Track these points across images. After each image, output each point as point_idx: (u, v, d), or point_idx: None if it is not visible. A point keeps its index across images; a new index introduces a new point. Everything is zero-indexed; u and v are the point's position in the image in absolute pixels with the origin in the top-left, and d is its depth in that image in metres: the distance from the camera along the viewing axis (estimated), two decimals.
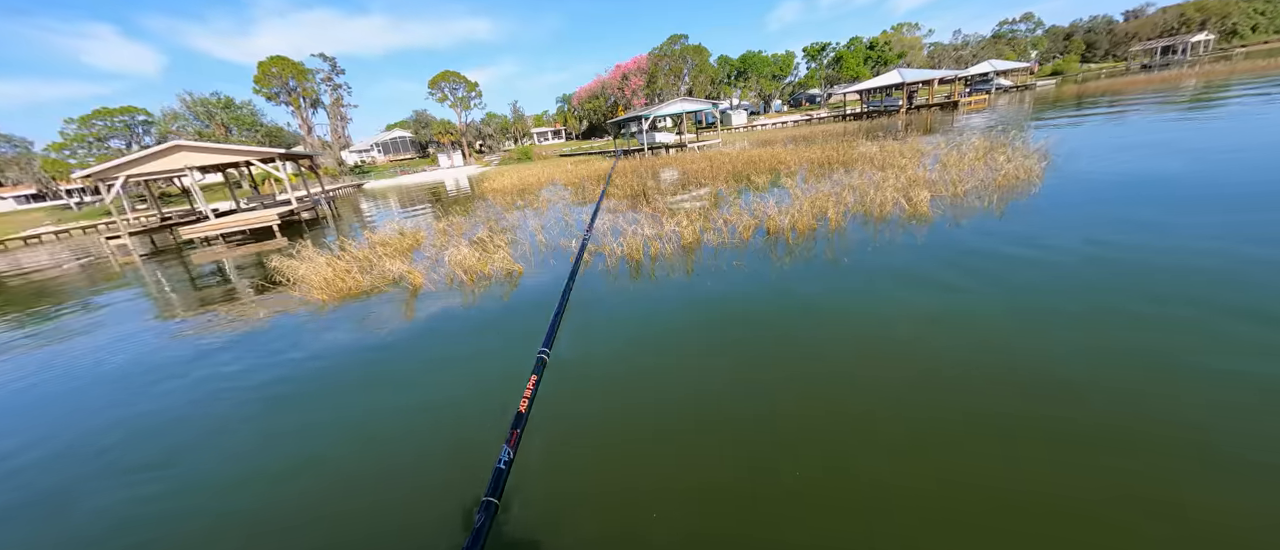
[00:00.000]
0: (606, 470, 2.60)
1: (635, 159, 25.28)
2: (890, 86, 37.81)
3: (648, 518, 2.24)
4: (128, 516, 2.81)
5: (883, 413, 2.75)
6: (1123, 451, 2.27)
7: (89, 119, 40.46)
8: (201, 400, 4.11)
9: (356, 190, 36.75)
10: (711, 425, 2.85)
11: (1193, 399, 2.54)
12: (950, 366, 3.09)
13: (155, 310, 7.63)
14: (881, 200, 6.95)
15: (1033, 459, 2.29)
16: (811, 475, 2.37)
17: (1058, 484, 2.14)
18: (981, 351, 3.22)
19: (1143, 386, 2.69)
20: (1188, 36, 58.52)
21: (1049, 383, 2.81)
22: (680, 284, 5.24)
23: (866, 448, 2.51)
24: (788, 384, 3.15)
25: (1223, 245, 4.34)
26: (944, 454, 2.39)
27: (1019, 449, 2.37)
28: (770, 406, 2.94)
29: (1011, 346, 3.23)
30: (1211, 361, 2.80)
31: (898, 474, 2.31)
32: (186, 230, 15.25)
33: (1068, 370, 2.90)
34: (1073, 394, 2.69)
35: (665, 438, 2.81)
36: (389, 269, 6.55)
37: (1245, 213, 5.07)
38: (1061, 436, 2.41)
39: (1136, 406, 2.54)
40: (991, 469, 2.27)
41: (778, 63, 63.79)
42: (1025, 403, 2.68)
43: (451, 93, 54.15)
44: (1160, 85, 25.19)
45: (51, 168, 39.05)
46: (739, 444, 2.65)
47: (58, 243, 26.46)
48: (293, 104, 48.20)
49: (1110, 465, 2.20)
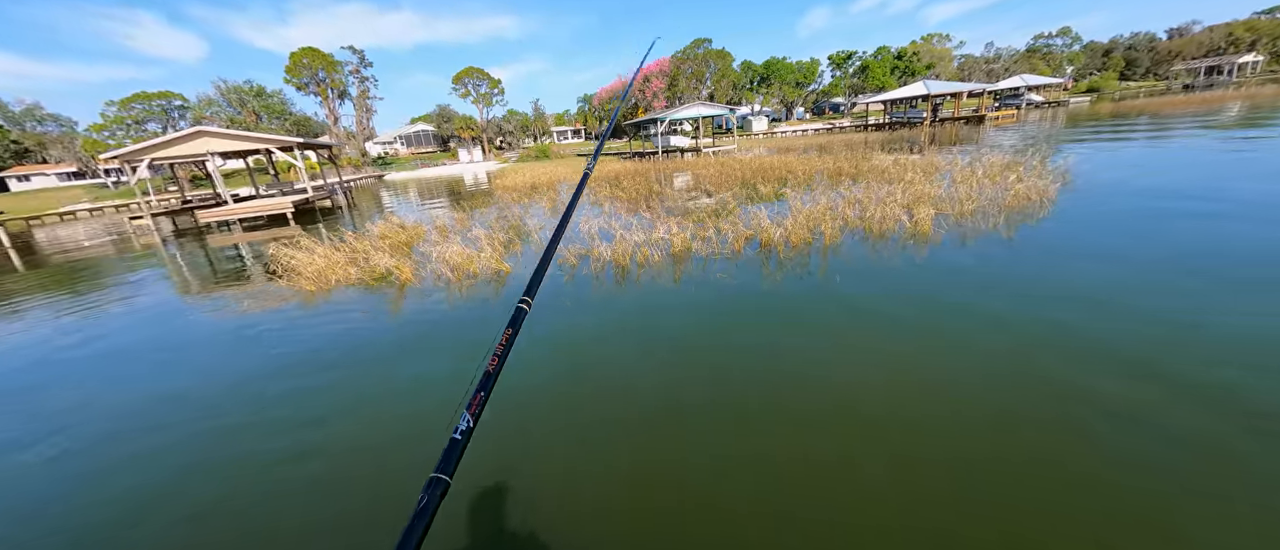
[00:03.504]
0: (548, 475, 2.50)
1: (649, 162, 25.21)
2: (915, 98, 37.00)
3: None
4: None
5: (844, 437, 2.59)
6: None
7: (128, 102, 42.16)
8: (160, 377, 4.15)
9: (377, 181, 37.49)
10: (665, 437, 2.73)
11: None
12: (911, 408, 2.91)
13: (147, 291, 7.80)
14: (883, 216, 6.71)
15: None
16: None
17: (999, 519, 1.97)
18: (935, 396, 3.03)
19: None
20: (1235, 57, 56.05)
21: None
22: (665, 290, 5.12)
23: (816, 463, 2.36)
24: (755, 404, 3.01)
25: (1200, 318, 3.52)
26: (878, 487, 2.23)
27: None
28: (733, 421, 2.80)
29: (959, 395, 3.03)
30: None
31: (842, 500, 2.15)
32: (205, 214, 15.69)
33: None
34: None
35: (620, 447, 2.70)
36: (377, 263, 6.58)
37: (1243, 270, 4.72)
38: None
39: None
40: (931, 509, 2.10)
41: (802, 70, 63.05)
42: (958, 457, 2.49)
43: (474, 89, 54.97)
44: (1200, 106, 24.08)
45: (91, 147, 40.76)
46: (687, 461, 2.52)
47: (92, 219, 27.60)
48: (321, 95, 49.52)
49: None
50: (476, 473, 2.62)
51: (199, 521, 2.55)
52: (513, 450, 2.83)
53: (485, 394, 0.86)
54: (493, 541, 2.22)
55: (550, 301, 5.17)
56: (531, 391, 3.45)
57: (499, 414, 3.24)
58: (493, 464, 2.69)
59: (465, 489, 2.51)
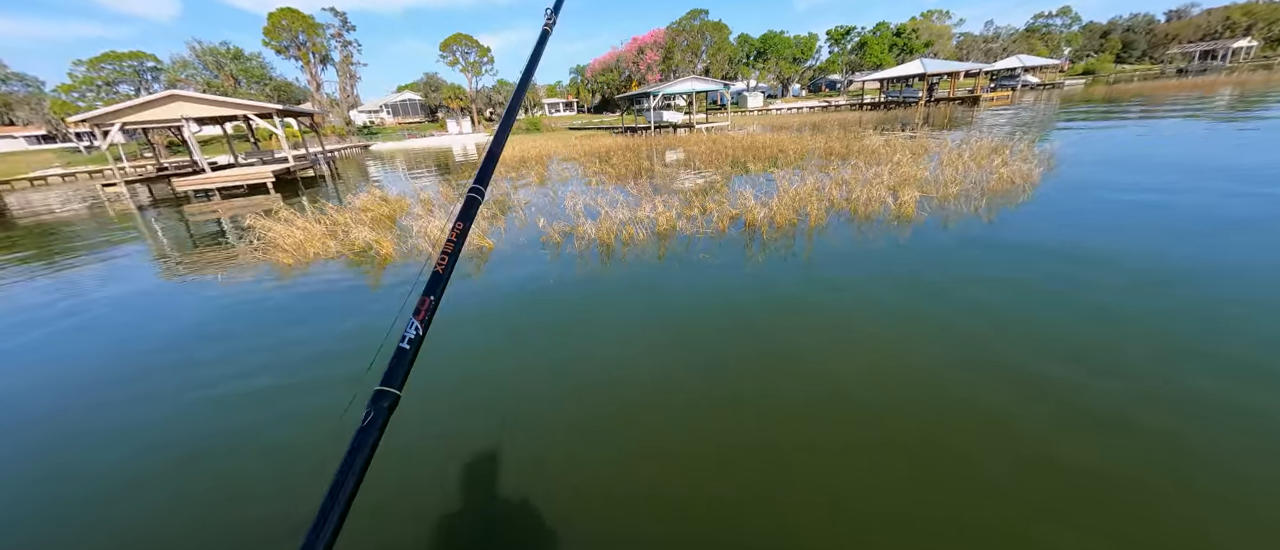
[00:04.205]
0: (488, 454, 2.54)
1: (640, 138, 24.83)
2: (911, 76, 36.60)
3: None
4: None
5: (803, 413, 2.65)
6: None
7: (97, 62, 40.22)
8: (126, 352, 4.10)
9: (363, 151, 36.57)
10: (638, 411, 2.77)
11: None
12: (881, 389, 2.97)
13: (119, 258, 7.62)
14: (868, 198, 6.71)
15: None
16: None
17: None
18: (911, 376, 3.09)
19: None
20: (1230, 41, 55.96)
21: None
22: (650, 268, 5.12)
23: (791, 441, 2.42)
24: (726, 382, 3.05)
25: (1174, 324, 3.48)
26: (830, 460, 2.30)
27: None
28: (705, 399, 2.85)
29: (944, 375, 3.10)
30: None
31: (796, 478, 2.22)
32: (181, 182, 15.24)
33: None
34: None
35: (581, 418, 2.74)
36: (357, 237, 6.47)
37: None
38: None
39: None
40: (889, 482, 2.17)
41: (799, 45, 61.78)
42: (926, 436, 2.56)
43: (463, 57, 53.22)
44: (1191, 91, 24.14)
45: (60, 109, 39.02)
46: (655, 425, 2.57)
47: (64, 185, 26.68)
48: (302, 59, 47.63)
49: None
50: (456, 452, 2.65)
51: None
52: (485, 425, 2.86)
53: (435, 298, 0.75)
54: (477, 528, 2.26)
55: (532, 282, 5.15)
56: (515, 370, 3.46)
57: (478, 391, 3.26)
58: (471, 444, 2.72)
59: (451, 474, 2.54)
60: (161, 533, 2.33)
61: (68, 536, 2.35)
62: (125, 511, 2.48)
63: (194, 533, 2.31)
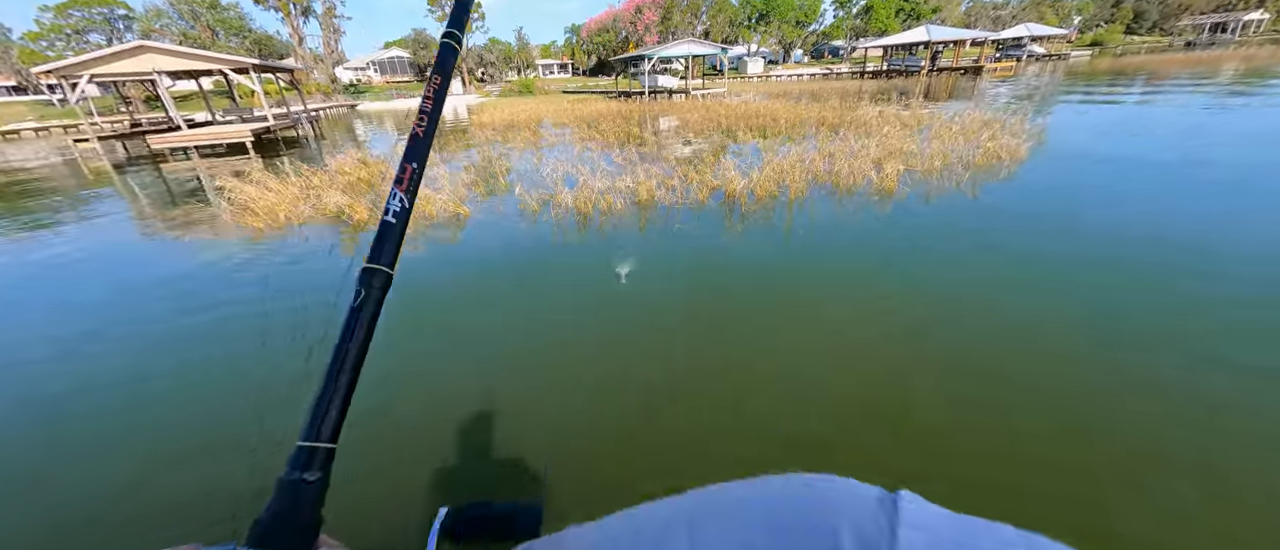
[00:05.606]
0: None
1: (634, 103, 24.20)
2: (915, 44, 35.57)
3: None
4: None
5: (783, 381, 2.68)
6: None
7: (64, 8, 38.16)
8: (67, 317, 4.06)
9: (350, 111, 35.48)
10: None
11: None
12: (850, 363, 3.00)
13: (87, 219, 7.45)
14: (851, 170, 6.62)
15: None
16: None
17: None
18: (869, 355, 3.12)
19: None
20: (1242, 14, 54.55)
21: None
22: (631, 238, 5.07)
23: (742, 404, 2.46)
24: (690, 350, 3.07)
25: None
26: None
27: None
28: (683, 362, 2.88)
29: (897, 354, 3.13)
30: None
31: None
32: (156, 139, 14.74)
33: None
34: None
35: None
36: (329, 202, 6.32)
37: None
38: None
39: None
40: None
41: (803, 8, 59.49)
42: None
43: None
44: (1197, 65, 23.68)
45: (28, 59, 37.24)
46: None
47: (38, 140, 25.82)
48: (282, 9, 45.38)
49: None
50: (438, 428, 2.67)
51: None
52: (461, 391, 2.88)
53: (417, 166, 0.63)
54: (455, 480, 2.29)
55: (507, 250, 5.09)
56: (488, 333, 3.46)
57: (452, 363, 3.27)
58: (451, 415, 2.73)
59: (431, 452, 2.56)
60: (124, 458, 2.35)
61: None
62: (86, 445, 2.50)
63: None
